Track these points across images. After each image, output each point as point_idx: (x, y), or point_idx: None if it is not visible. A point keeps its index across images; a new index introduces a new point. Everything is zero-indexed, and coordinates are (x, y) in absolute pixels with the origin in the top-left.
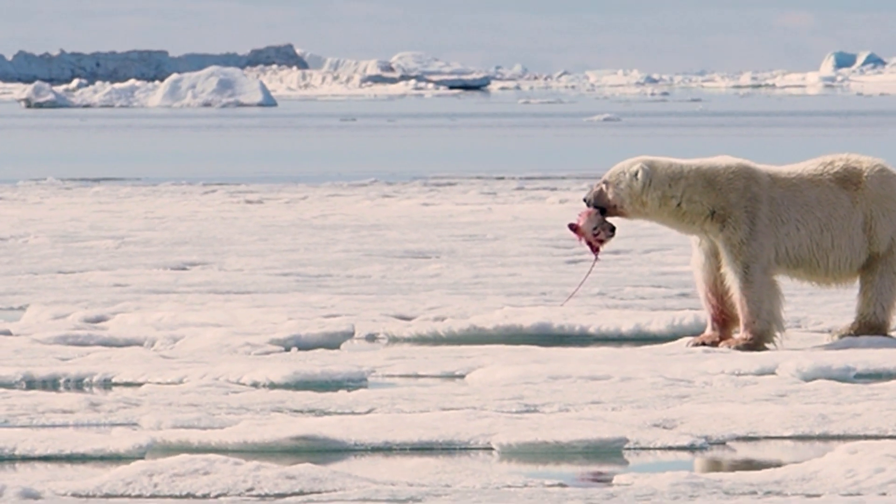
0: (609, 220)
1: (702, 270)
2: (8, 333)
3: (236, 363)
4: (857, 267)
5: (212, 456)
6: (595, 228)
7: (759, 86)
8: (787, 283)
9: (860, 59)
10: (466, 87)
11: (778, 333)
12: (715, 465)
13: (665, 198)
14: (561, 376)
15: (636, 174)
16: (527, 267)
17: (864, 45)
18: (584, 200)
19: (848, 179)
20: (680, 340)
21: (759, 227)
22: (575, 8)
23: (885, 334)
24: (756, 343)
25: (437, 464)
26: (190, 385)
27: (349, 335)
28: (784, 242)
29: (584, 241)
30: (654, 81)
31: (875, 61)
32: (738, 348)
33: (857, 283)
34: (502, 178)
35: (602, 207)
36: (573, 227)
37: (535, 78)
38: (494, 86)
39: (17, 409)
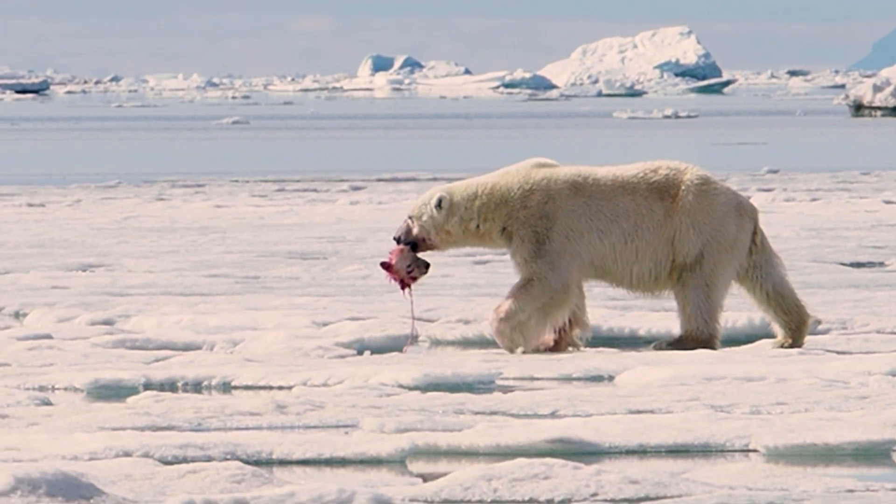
0: (422, 255)
1: None
2: (49, 336)
3: (347, 366)
4: (663, 278)
5: (549, 460)
6: (409, 266)
7: (324, 89)
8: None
9: (398, 63)
10: (26, 90)
11: (518, 347)
12: None
13: (464, 221)
14: (714, 377)
15: (438, 204)
16: (441, 268)
17: (393, 49)
18: (395, 238)
19: (666, 190)
20: (758, 342)
21: (550, 246)
22: (93, 12)
23: (713, 347)
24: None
25: (722, 467)
26: (341, 388)
27: (415, 338)
28: (587, 253)
29: (394, 280)
30: (215, 85)
31: (413, 65)
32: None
33: (672, 295)
34: (237, 181)
35: (413, 243)
36: (385, 266)
37: (98, 83)
38: (58, 90)
39: (204, 411)
